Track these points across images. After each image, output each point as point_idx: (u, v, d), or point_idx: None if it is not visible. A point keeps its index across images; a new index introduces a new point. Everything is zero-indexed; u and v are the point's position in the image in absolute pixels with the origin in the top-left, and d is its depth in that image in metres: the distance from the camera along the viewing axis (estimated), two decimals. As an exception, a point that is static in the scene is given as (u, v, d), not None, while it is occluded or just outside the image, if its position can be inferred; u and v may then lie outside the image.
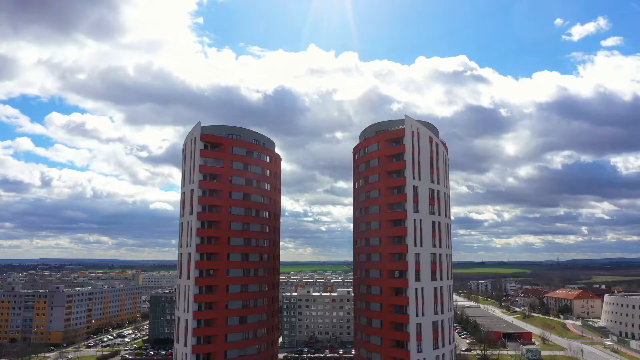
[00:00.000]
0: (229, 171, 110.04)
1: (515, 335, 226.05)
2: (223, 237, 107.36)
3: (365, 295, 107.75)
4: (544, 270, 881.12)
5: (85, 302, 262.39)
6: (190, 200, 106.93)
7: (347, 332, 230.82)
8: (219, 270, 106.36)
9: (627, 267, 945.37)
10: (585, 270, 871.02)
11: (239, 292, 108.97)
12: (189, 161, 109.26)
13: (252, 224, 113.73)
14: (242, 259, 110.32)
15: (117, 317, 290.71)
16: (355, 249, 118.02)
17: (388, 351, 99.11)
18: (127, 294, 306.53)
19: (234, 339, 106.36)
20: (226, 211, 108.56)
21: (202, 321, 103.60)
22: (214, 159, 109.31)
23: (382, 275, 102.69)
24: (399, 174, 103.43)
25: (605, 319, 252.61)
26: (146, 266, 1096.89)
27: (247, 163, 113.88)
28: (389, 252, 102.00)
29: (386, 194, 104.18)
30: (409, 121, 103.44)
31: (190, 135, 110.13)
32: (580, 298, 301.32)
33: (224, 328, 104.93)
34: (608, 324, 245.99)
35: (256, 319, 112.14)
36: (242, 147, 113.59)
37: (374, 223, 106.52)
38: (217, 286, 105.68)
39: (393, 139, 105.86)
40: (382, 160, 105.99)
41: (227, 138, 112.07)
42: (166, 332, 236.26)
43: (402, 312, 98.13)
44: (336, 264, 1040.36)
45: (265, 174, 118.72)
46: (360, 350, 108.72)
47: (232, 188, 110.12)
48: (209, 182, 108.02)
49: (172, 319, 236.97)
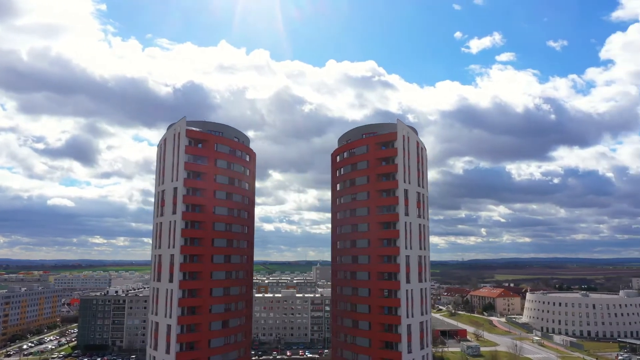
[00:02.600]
0: (214, 169, 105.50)
1: (452, 332, 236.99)
2: (207, 238, 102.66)
3: (351, 297, 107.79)
4: (451, 269, 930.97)
5: (1, 306, 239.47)
6: (173, 198, 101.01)
7: (290, 334, 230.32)
8: (203, 272, 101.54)
9: (522, 267, 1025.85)
10: (487, 269, 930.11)
11: (222, 296, 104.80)
12: (171, 158, 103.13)
13: (234, 224, 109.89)
14: (224, 260, 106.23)
15: (35, 323, 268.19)
16: (335, 251, 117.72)
17: (377, 352, 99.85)
18: (46, 297, 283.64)
19: (217, 344, 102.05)
20: (210, 211, 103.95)
21: (184, 326, 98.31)
22: (198, 156, 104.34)
23: (371, 277, 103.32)
24: (390, 177, 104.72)
25: (527, 316, 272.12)
26: (47, 266, 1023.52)
27: (230, 161, 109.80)
28: (379, 254, 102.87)
29: (376, 196, 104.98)
30: (400, 125, 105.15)
31: (173, 130, 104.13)
32: (502, 296, 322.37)
33: (207, 333, 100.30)
34: (530, 320, 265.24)
35: (237, 323, 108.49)
36: (226, 144, 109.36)
37: (361, 225, 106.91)
38: (201, 289, 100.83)
39: (383, 142, 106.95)
40: (371, 162, 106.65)
41: (211, 135, 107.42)
42: (97, 338, 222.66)
43: (393, 313, 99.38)
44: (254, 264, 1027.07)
45: (245, 173, 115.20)
46: (343, 352, 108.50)
47: (217, 187, 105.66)
48: (194, 180, 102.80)
49: (104, 324, 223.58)
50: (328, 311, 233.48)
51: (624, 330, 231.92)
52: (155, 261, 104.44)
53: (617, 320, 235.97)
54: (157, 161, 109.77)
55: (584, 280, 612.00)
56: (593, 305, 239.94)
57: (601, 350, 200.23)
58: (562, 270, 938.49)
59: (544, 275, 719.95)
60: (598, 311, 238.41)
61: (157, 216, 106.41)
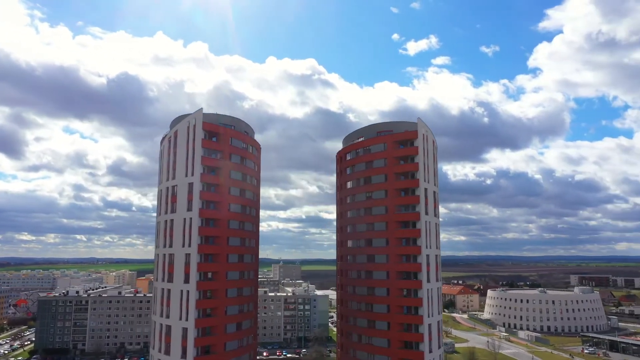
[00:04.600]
0: (229, 165, 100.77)
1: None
2: (222, 237, 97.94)
3: (366, 297, 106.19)
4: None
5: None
6: (188, 195, 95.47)
7: (263, 334, 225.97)
8: (219, 272, 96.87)
9: (460, 265, 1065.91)
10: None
11: (236, 297, 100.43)
12: (185, 151, 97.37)
13: (247, 222, 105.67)
14: (238, 260, 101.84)
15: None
16: (343, 250, 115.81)
17: (397, 352, 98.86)
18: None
19: (232, 347, 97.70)
20: (226, 208, 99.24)
21: (200, 330, 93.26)
22: (212, 150, 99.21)
23: (390, 277, 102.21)
24: (409, 176, 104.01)
25: (489, 312, 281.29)
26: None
27: (244, 157, 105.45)
28: (398, 254, 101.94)
29: (395, 195, 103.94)
30: (421, 124, 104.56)
31: (187, 121, 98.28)
32: (462, 293, 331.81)
33: (223, 336, 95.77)
34: (492, 316, 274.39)
35: (248, 325, 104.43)
36: (240, 139, 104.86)
37: (378, 224, 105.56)
38: (216, 290, 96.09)
39: (401, 141, 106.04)
40: (390, 161, 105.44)
41: (227, 128, 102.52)
42: (57, 341, 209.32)
43: (414, 313, 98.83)
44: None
45: (254, 169, 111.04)
46: (356, 353, 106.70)
47: (231, 183, 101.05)
48: (210, 175, 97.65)
49: (64, 326, 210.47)
50: (301, 310, 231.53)
51: (581, 325, 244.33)
52: (164, 261, 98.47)
53: (575, 316, 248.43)
54: (164, 155, 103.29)
55: (519, 277, 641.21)
56: (552, 302, 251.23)
57: (566, 345, 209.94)
58: (498, 267, 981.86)
59: (481, 273, 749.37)
60: (557, 307, 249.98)
61: (164, 213, 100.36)
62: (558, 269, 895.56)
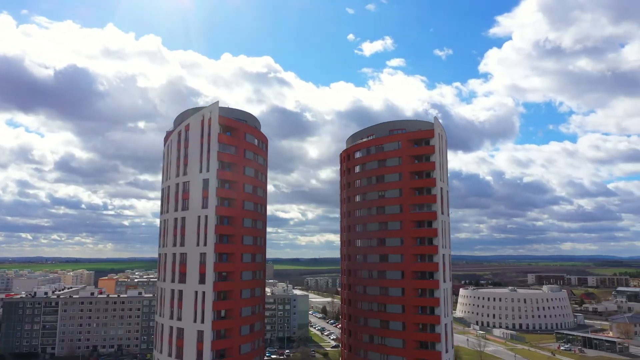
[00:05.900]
0: (244, 160, 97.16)
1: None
2: (237, 235, 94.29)
3: (378, 297, 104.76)
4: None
5: None
6: (203, 191, 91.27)
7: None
8: (234, 273, 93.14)
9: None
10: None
11: (249, 298, 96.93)
12: (199, 146, 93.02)
13: (258, 220, 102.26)
14: (251, 259, 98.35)
15: None
16: (350, 249, 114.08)
17: (413, 353, 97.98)
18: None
19: (246, 350, 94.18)
20: (240, 206, 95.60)
21: (215, 332, 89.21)
22: (226, 145, 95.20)
23: (405, 277, 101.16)
24: (423, 175, 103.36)
25: (461, 310, 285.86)
26: None
27: (256, 153, 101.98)
28: (413, 253, 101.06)
29: (410, 194, 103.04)
30: (437, 123, 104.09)
31: (201, 115, 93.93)
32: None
33: (238, 339, 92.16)
34: (465, 314, 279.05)
35: (259, 327, 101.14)
36: (253, 134, 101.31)
37: (392, 223, 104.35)
38: (232, 291, 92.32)
39: (416, 140, 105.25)
40: (404, 160, 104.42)
41: (241, 123, 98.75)
42: (25, 345, 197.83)
43: (430, 313, 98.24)
44: (144, 261, 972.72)
45: (265, 165, 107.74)
46: (368, 353, 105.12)
47: (245, 180, 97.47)
48: (226, 171, 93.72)
49: (32, 329, 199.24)
50: (281, 310, 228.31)
51: (552, 323, 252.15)
52: (173, 260, 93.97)
53: (545, 314, 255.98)
54: (171, 151, 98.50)
55: (474, 275, 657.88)
56: (524, 300, 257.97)
57: (541, 342, 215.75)
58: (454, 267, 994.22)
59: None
60: (529, 305, 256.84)
61: (173, 210, 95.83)
62: (510, 267, 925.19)
